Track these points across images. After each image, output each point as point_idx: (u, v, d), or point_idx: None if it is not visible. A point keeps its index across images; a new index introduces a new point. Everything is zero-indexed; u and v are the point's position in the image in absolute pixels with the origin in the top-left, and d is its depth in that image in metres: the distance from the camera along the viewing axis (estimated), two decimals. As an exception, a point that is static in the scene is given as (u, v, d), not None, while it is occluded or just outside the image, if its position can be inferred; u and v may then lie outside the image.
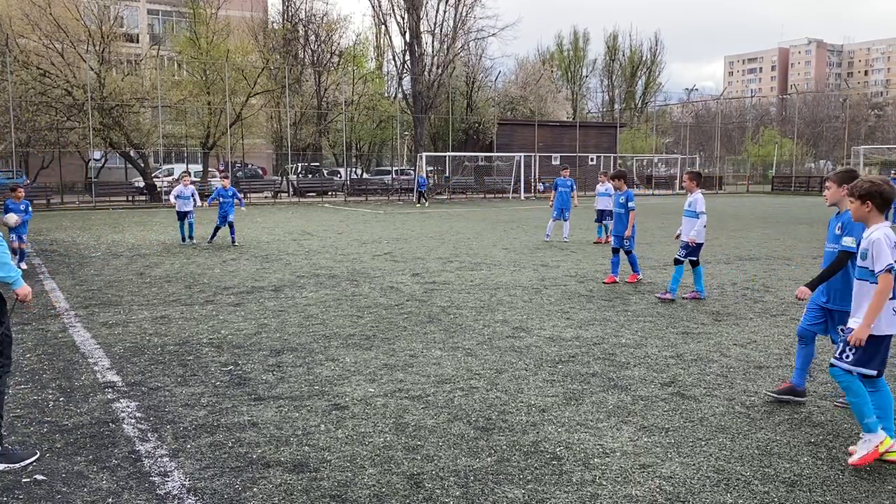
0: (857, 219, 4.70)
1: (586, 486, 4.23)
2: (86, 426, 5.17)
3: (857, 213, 4.65)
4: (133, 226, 22.94)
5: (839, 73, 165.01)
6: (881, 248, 4.41)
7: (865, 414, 4.47)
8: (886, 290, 4.38)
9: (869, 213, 4.58)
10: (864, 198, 4.58)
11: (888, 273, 4.38)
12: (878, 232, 4.50)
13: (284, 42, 45.19)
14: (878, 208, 4.57)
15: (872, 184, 4.58)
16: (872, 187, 4.55)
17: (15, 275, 4.58)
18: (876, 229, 4.53)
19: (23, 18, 33.62)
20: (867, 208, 4.58)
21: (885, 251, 4.40)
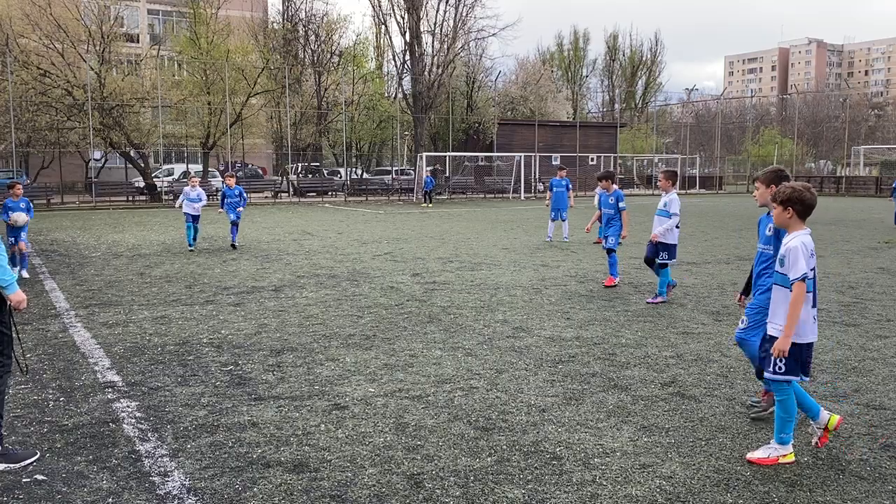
0: (778, 224, 4.66)
1: (586, 486, 4.23)
2: (86, 426, 5.17)
3: (779, 218, 4.61)
4: (133, 226, 22.95)
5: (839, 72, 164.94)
6: (797, 257, 4.37)
7: (809, 405, 4.58)
8: (800, 299, 4.35)
9: (790, 220, 4.54)
10: (785, 203, 4.54)
11: (802, 282, 4.35)
12: (795, 240, 4.45)
13: (284, 42, 45.22)
14: (799, 215, 4.52)
15: (794, 190, 4.51)
16: (794, 193, 4.50)
17: (10, 279, 4.56)
18: (794, 237, 4.49)
19: (23, 18, 33.63)
20: (788, 214, 4.53)
21: (800, 260, 4.36)
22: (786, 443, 4.53)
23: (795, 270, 4.37)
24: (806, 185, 4.56)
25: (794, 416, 4.53)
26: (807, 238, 4.48)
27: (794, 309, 4.36)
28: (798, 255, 4.38)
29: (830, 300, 9.99)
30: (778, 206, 4.57)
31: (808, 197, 4.49)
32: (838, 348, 7.34)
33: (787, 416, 4.52)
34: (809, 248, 4.44)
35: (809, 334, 4.50)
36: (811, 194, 4.52)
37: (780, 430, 4.53)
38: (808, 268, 4.38)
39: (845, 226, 22.65)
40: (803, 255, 4.38)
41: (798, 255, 4.38)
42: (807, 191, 4.51)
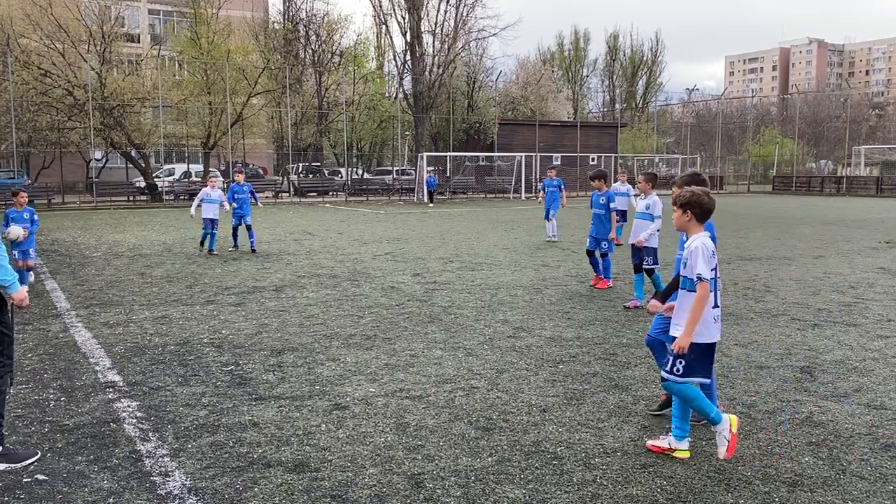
0: (678, 227, 4.71)
1: (587, 486, 4.23)
2: (87, 426, 5.17)
3: (679, 221, 4.66)
4: (134, 226, 22.96)
5: (840, 72, 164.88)
6: (698, 258, 4.42)
7: (707, 410, 4.52)
8: (703, 299, 4.39)
9: (689, 223, 4.60)
10: (684, 207, 4.60)
11: (704, 283, 4.39)
12: (696, 241, 4.51)
13: (285, 42, 45.22)
14: (698, 218, 4.58)
15: (692, 193, 4.58)
16: (692, 197, 4.57)
17: (11, 278, 4.56)
18: (695, 239, 4.54)
19: (24, 18, 33.64)
20: (687, 217, 4.60)
21: (700, 260, 4.41)
22: (718, 420, 4.49)
23: (696, 270, 4.43)
24: (704, 190, 4.66)
25: (699, 394, 4.53)
26: (707, 240, 4.53)
27: (696, 308, 4.39)
28: (699, 256, 4.43)
29: (831, 300, 9.98)
30: (677, 209, 4.64)
31: (706, 201, 4.57)
32: (839, 348, 7.34)
33: (696, 401, 4.52)
34: (710, 249, 4.49)
35: (712, 334, 4.52)
36: (709, 198, 4.60)
37: (707, 415, 4.52)
38: (710, 268, 4.43)
39: (846, 226, 22.64)
40: (703, 256, 4.43)
41: (699, 257, 4.43)
42: (705, 195, 4.59)
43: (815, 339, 7.76)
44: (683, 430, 4.64)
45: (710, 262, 4.46)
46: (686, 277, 4.55)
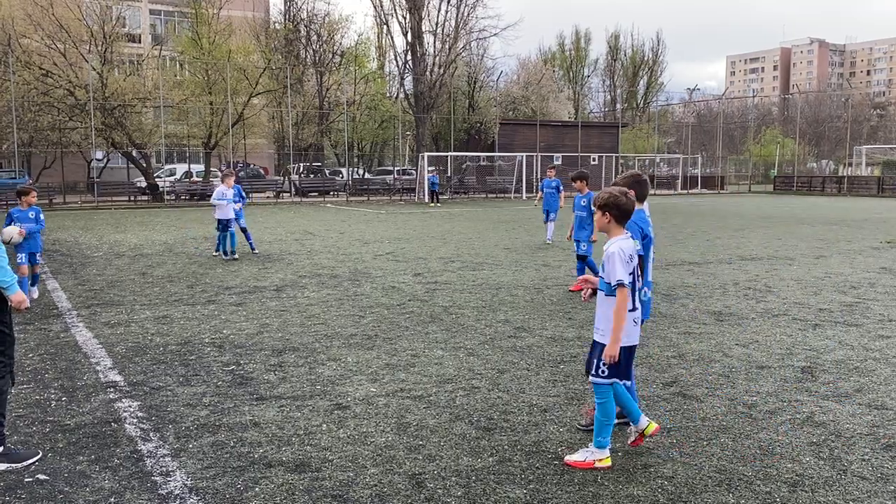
0: (599, 229, 4.64)
1: (588, 486, 4.23)
2: (88, 426, 5.17)
3: (599, 223, 4.59)
4: (135, 226, 22.97)
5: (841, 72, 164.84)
6: (614, 262, 4.36)
7: (630, 407, 4.57)
8: (622, 304, 4.36)
9: (609, 224, 4.52)
10: (602, 209, 4.51)
11: (623, 287, 4.34)
12: (613, 245, 4.44)
13: (286, 42, 45.24)
14: (616, 219, 4.49)
15: (610, 195, 4.49)
16: (609, 198, 4.47)
17: (10, 280, 4.56)
18: (612, 242, 4.47)
19: (25, 19, 33.67)
20: (606, 219, 4.52)
21: (617, 265, 4.35)
22: (603, 447, 4.48)
23: (614, 276, 4.37)
24: (623, 190, 4.54)
25: (612, 419, 4.51)
26: (625, 243, 4.47)
27: (618, 315, 4.35)
28: (615, 260, 4.36)
29: (832, 300, 9.98)
30: (597, 210, 4.54)
31: (624, 202, 4.47)
32: (840, 348, 7.34)
33: (605, 420, 4.49)
34: (627, 253, 4.42)
35: (631, 338, 4.50)
36: (627, 199, 4.49)
37: (598, 434, 4.50)
38: (627, 272, 4.37)
39: (847, 226, 22.63)
40: (620, 260, 4.36)
41: (615, 261, 4.36)
42: (623, 195, 4.48)
43: (817, 339, 7.76)
44: (606, 439, 4.51)
45: (627, 267, 4.39)
46: (604, 281, 4.48)
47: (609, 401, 4.50)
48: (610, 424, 4.51)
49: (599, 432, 4.51)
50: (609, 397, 4.51)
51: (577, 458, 4.52)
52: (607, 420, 4.50)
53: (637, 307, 4.55)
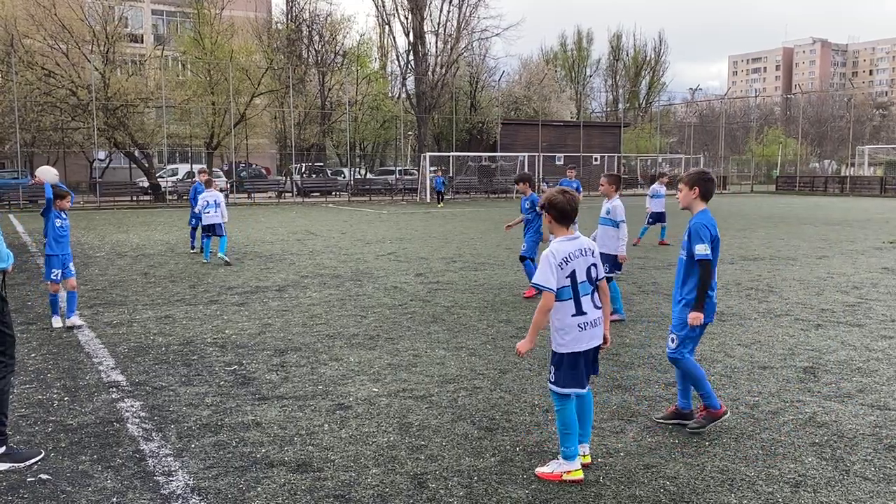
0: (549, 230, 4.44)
1: (590, 487, 4.23)
2: (90, 425, 5.18)
3: (546, 224, 4.43)
4: (137, 226, 22.99)
5: (843, 72, 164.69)
6: (542, 266, 4.19)
7: (567, 444, 4.30)
8: (544, 307, 4.17)
9: (551, 224, 4.36)
10: (544, 208, 4.38)
11: (547, 292, 4.16)
12: (551, 245, 4.29)
13: (288, 42, 45.27)
14: (556, 220, 4.31)
15: (548, 196, 4.34)
16: (548, 198, 4.33)
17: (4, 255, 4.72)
18: (553, 242, 4.32)
19: (28, 19, 33.72)
20: (548, 219, 4.37)
21: (542, 268, 4.17)
22: (570, 457, 4.29)
23: (535, 278, 4.24)
24: (561, 189, 4.39)
25: (572, 429, 4.30)
26: (561, 245, 4.26)
27: (537, 316, 4.21)
28: (544, 262, 4.19)
29: (835, 300, 9.96)
30: (543, 211, 4.41)
31: (560, 200, 4.28)
32: (843, 349, 7.33)
33: (564, 429, 4.30)
34: (560, 256, 4.20)
35: (574, 344, 4.25)
36: (563, 197, 4.30)
37: (562, 444, 4.33)
38: (552, 276, 4.15)
39: (850, 226, 22.60)
40: (549, 263, 4.17)
41: (543, 263, 4.19)
42: (560, 194, 4.32)
43: (819, 339, 7.75)
44: (570, 449, 4.31)
45: (558, 271, 4.18)
46: None
47: (564, 409, 4.30)
48: (571, 434, 4.29)
49: (562, 442, 4.32)
50: (564, 406, 4.30)
51: (545, 470, 4.35)
52: (566, 429, 4.30)
53: (586, 312, 4.26)
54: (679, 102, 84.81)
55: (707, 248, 4.87)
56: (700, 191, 5.06)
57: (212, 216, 14.02)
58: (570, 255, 4.25)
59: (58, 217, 8.31)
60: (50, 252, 8.30)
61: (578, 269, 4.26)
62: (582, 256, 4.29)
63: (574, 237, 4.33)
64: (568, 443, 4.31)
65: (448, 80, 47.28)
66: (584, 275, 4.28)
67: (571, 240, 4.31)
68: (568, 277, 4.21)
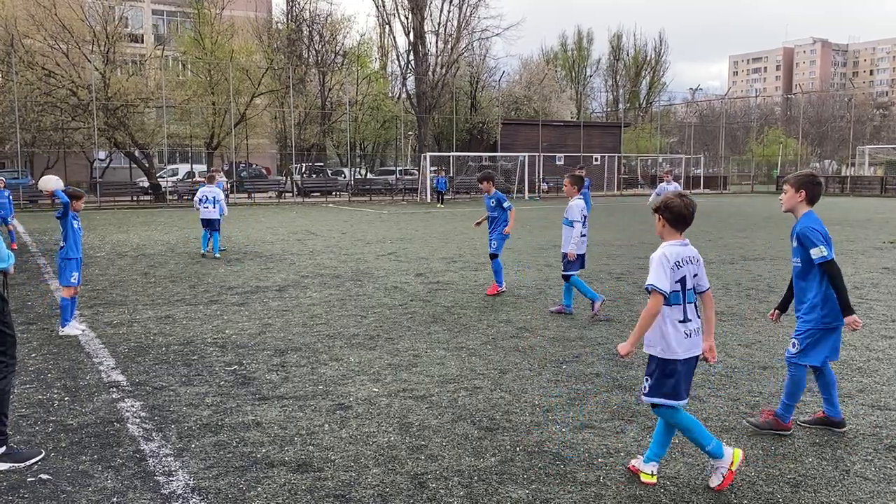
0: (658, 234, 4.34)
1: (590, 487, 4.23)
2: (90, 425, 5.18)
3: (656, 227, 4.33)
4: (138, 226, 22.99)
5: (844, 72, 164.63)
6: (652, 266, 4.12)
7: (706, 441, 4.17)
8: (652, 309, 4.05)
9: (664, 228, 4.26)
10: (656, 212, 4.27)
11: (656, 293, 4.05)
12: (658, 250, 4.20)
13: (288, 42, 45.25)
14: (671, 224, 4.21)
15: (664, 199, 4.25)
16: (663, 201, 4.24)
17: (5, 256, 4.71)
18: (661, 247, 4.22)
19: (28, 19, 33.72)
20: (661, 224, 4.26)
21: (657, 270, 4.08)
22: (717, 455, 4.18)
23: (649, 279, 4.13)
24: (679, 192, 4.30)
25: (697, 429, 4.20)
26: (674, 249, 4.18)
27: (645, 317, 4.08)
28: (657, 265, 4.10)
29: (835, 300, 9.95)
30: (654, 215, 4.32)
31: (677, 204, 4.18)
32: (843, 349, 7.31)
33: (693, 437, 4.21)
34: (673, 260, 4.12)
35: (677, 351, 4.12)
36: (681, 201, 4.19)
37: (704, 450, 4.22)
38: (665, 278, 4.06)
39: (850, 226, 22.60)
40: (664, 267, 4.08)
41: (656, 266, 4.10)
42: (678, 198, 4.22)
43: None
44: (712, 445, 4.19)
45: (671, 275, 4.09)
46: None
47: (679, 419, 4.16)
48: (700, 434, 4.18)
49: (703, 447, 4.21)
50: (677, 417, 4.16)
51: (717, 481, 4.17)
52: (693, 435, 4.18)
53: (690, 319, 4.16)
54: (679, 102, 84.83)
55: (824, 250, 4.74)
56: (807, 195, 4.89)
57: (209, 211, 14.58)
58: (682, 260, 4.19)
59: (74, 218, 8.03)
60: (72, 255, 7.95)
61: (687, 275, 4.20)
62: (691, 264, 4.22)
63: (684, 243, 4.26)
64: (705, 442, 4.16)
65: (448, 80, 47.29)
66: (690, 283, 4.22)
67: (683, 245, 4.24)
68: (678, 283, 4.14)
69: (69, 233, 7.95)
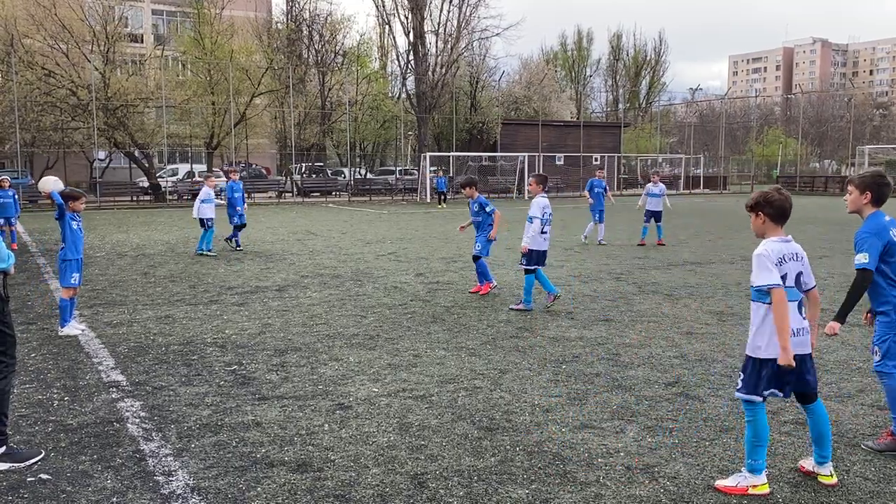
0: (754, 231, 4.31)
1: (590, 486, 4.23)
2: (90, 425, 5.18)
3: (753, 226, 4.29)
4: (137, 225, 22.99)
5: (844, 72, 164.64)
6: (757, 265, 4.09)
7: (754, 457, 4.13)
8: (780, 304, 3.96)
9: (764, 224, 4.22)
10: (754, 209, 4.20)
11: (777, 289, 3.98)
12: (760, 247, 4.14)
13: (288, 42, 45.23)
14: (772, 219, 4.17)
15: (761, 193, 4.18)
16: (762, 196, 4.16)
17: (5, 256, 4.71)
18: (762, 244, 4.15)
19: (28, 19, 33.71)
20: (761, 220, 4.21)
21: (761, 268, 4.05)
22: (756, 471, 4.10)
23: (757, 279, 4.06)
24: (777, 188, 4.23)
25: (763, 440, 4.12)
26: (775, 245, 4.12)
27: (777, 319, 3.98)
28: (760, 263, 4.07)
29: (836, 300, 9.95)
30: (749, 213, 4.24)
31: (777, 199, 4.13)
32: (843, 349, 7.32)
33: (754, 441, 4.12)
34: (775, 256, 4.07)
35: (774, 349, 4.08)
36: (781, 196, 4.15)
37: (748, 456, 4.14)
38: (774, 273, 4.00)
39: (850, 226, 22.59)
40: (766, 263, 4.05)
41: (760, 264, 4.07)
42: (777, 192, 4.17)
43: (819, 339, 7.73)
44: (758, 462, 4.12)
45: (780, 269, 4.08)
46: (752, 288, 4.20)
47: (754, 419, 4.12)
48: (761, 446, 4.11)
49: (749, 453, 4.12)
50: (754, 415, 4.12)
51: (728, 483, 4.14)
52: (757, 441, 4.10)
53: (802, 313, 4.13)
54: (679, 102, 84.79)
55: (866, 257, 4.56)
56: (873, 196, 4.66)
57: (206, 209, 15.18)
58: (784, 257, 4.10)
59: (73, 219, 7.96)
60: (71, 256, 7.90)
61: (790, 272, 4.10)
62: (794, 261, 4.13)
63: (787, 239, 4.17)
64: (756, 455, 4.10)
65: (448, 79, 47.25)
66: (793, 280, 4.11)
67: (784, 241, 4.16)
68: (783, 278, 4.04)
69: (67, 234, 7.91)
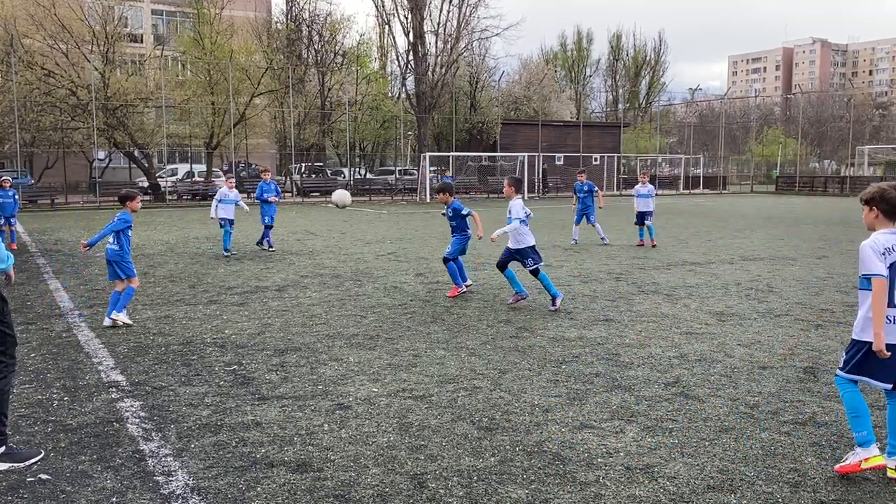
0: (866, 225, 4.49)
1: (590, 487, 4.23)
2: (90, 425, 5.18)
3: (866, 219, 4.48)
4: (137, 225, 22.85)
5: (843, 72, 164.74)
6: (864, 255, 4.26)
7: (858, 429, 4.35)
8: (879, 294, 4.19)
9: (877, 219, 4.39)
10: (869, 203, 4.41)
11: (879, 278, 4.19)
12: (871, 238, 4.34)
13: (288, 42, 45.22)
14: (885, 214, 4.36)
15: (878, 189, 4.39)
16: (879, 192, 4.36)
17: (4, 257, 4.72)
18: (872, 234, 4.36)
19: (27, 19, 33.71)
20: (874, 214, 4.40)
21: (867, 258, 4.24)
22: (864, 443, 4.29)
23: (862, 268, 4.28)
24: (893, 184, 4.44)
25: (860, 411, 4.32)
26: (884, 236, 4.32)
27: (875, 308, 4.21)
28: (866, 253, 4.26)
29: (835, 300, 9.96)
30: (864, 206, 4.44)
31: (893, 196, 4.33)
32: (843, 349, 7.31)
33: (852, 413, 4.35)
34: (882, 246, 4.28)
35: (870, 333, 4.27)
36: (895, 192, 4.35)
37: (853, 430, 4.39)
38: (879, 263, 4.23)
39: (849, 226, 22.60)
40: (872, 253, 4.25)
41: (866, 254, 4.26)
42: (893, 189, 4.37)
43: (819, 339, 7.75)
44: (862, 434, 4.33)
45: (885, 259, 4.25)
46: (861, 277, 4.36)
47: (847, 392, 4.37)
48: (858, 416, 4.32)
49: (853, 428, 4.36)
50: (846, 388, 4.37)
51: (844, 464, 4.35)
52: (854, 412, 4.34)
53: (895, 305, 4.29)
54: (679, 102, 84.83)
55: None
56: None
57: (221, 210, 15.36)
58: (892, 247, 4.31)
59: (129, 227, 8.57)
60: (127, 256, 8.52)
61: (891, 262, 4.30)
62: None
63: (891, 231, 4.37)
64: (858, 427, 4.30)
65: (448, 80, 47.24)
66: None
67: (893, 234, 4.36)
68: (888, 268, 4.26)
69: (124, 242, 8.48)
